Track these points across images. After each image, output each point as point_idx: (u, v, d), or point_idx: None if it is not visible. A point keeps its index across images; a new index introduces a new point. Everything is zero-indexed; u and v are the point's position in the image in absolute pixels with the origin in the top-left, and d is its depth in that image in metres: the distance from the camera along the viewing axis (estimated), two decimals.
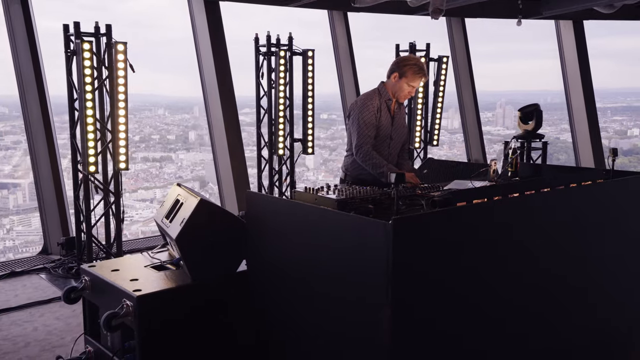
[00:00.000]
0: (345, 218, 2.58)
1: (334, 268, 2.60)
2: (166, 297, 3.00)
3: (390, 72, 3.88)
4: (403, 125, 4.08)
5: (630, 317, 3.48)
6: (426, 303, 2.47)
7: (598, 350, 3.30)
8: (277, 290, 2.96)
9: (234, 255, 3.21)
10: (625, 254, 3.38)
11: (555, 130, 11.75)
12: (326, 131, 10.80)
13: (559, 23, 9.60)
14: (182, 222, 3.09)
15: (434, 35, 8.63)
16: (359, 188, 3.17)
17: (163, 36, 12.17)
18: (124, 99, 5.04)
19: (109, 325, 2.88)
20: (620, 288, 3.38)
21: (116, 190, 5.21)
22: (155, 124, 10.21)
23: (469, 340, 2.66)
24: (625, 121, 13.16)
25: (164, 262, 3.39)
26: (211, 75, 7.15)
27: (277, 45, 6.37)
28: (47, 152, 5.97)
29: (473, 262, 2.63)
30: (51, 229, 5.98)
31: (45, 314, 4.28)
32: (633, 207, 3.36)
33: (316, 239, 2.69)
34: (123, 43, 4.99)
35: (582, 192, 3.10)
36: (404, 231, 2.32)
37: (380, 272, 2.33)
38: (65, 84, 5.17)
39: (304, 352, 2.83)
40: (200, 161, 9.72)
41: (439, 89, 7.49)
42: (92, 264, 3.43)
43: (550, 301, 3.00)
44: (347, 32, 8.20)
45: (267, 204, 3.07)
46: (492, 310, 2.74)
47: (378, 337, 2.38)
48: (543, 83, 14.43)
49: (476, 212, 2.65)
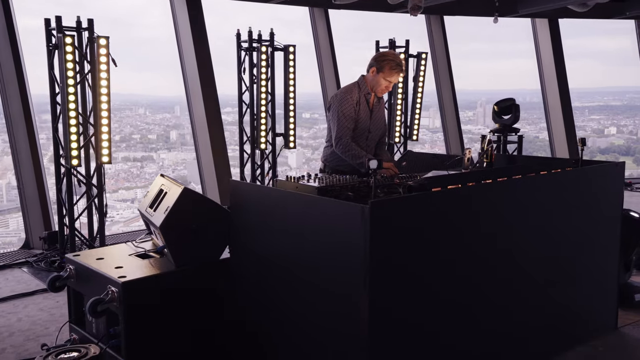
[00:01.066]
0: (325, 203, 2.67)
1: (314, 252, 2.69)
2: (150, 283, 3.06)
3: (369, 66, 3.98)
4: (381, 119, 4.18)
5: (595, 300, 3.64)
6: (403, 285, 2.58)
7: (564, 333, 3.44)
8: (259, 277, 3.04)
9: (218, 242, 3.29)
10: (594, 237, 3.53)
11: (534, 129, 11.93)
12: (309, 130, 10.85)
13: (535, 21, 9.81)
14: (166, 211, 3.16)
15: (414, 34, 8.76)
16: (339, 176, 3.27)
17: (143, 35, 12.13)
18: (107, 92, 5.07)
19: (95, 310, 2.94)
20: (589, 272, 3.53)
21: (99, 184, 5.24)
22: (136, 123, 10.14)
23: (438, 317, 2.77)
24: (602, 120, 13.40)
25: (148, 251, 3.45)
26: (193, 73, 7.20)
27: (259, 40, 6.44)
28: (28, 147, 5.97)
29: (447, 245, 2.74)
30: (33, 223, 5.98)
31: (29, 306, 4.30)
32: (599, 193, 3.51)
33: (297, 225, 2.78)
34: (105, 37, 5.02)
35: (551, 179, 3.23)
36: (381, 214, 2.42)
37: (359, 254, 2.43)
38: (45, 79, 5.18)
39: (286, 336, 2.92)
40: (182, 160, 9.70)
41: (418, 84, 7.63)
42: (76, 253, 3.48)
43: (521, 281, 3.13)
44: (328, 30, 8.30)
45: (250, 192, 3.16)
46: (465, 291, 2.85)
47: (356, 316, 2.48)
48: (523, 82, 14.67)
49: (450, 197, 2.76)
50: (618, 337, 3.61)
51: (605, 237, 3.60)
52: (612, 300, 3.70)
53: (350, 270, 2.50)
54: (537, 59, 9.97)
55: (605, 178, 3.53)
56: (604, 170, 3.55)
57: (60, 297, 4.31)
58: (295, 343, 2.87)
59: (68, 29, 4.99)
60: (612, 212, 3.61)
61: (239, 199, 3.13)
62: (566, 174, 3.33)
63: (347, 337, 2.55)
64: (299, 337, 2.84)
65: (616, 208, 3.64)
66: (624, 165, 3.65)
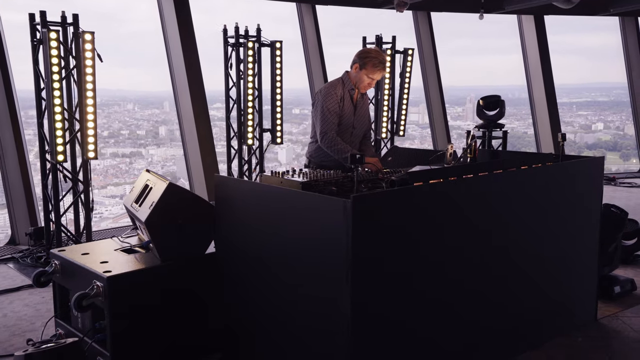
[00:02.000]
0: (308, 197, 2.71)
1: (297, 246, 2.72)
2: (136, 277, 3.08)
3: (352, 62, 4.01)
4: (366, 115, 4.21)
5: (575, 292, 3.71)
6: (385, 279, 2.61)
7: (544, 325, 3.50)
8: (244, 272, 3.07)
9: (203, 237, 3.31)
10: (574, 231, 3.59)
11: (523, 125, 12.00)
12: (298, 126, 10.83)
13: (520, 18, 9.90)
14: (151, 206, 3.18)
15: (402, 30, 8.82)
16: (323, 172, 3.30)
17: (130, 30, 12.07)
18: (92, 88, 5.06)
19: (80, 305, 2.95)
20: (569, 265, 3.59)
21: (85, 180, 5.23)
22: (125, 119, 10.08)
23: (420, 311, 2.82)
24: (590, 116, 13.50)
25: (134, 246, 3.47)
26: (180, 68, 7.18)
27: (246, 36, 6.45)
28: (14, 142, 5.94)
29: (428, 239, 2.78)
30: (19, 219, 5.96)
31: (14, 302, 4.30)
32: (579, 187, 3.58)
33: (281, 219, 2.81)
34: (90, 32, 5.00)
35: (532, 174, 3.29)
36: (363, 208, 2.46)
37: (341, 249, 2.46)
38: (30, 75, 5.17)
39: (269, 331, 2.95)
40: (171, 156, 9.66)
41: (405, 80, 7.67)
42: (62, 249, 3.49)
43: (502, 275, 3.18)
44: (315, 26, 8.32)
45: (235, 187, 3.18)
46: (446, 285, 2.90)
47: (338, 312, 2.52)
48: (510, 78, 14.77)
49: (432, 191, 2.80)
50: (597, 329, 3.68)
51: (585, 230, 3.67)
52: (592, 293, 3.78)
53: (332, 265, 2.53)
54: (523, 55, 10.06)
55: (585, 172, 3.60)
56: (584, 164, 3.61)
57: (46, 292, 4.32)
58: (278, 338, 2.90)
59: (53, 24, 4.97)
60: (591, 205, 3.68)
61: (224, 194, 3.15)
62: (546, 168, 3.39)
63: (329, 334, 2.58)
64: (281, 333, 2.87)
65: (596, 202, 3.71)
66: (603, 159, 3.72)
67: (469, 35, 15.95)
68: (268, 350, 2.96)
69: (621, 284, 4.19)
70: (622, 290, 4.17)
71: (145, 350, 3.10)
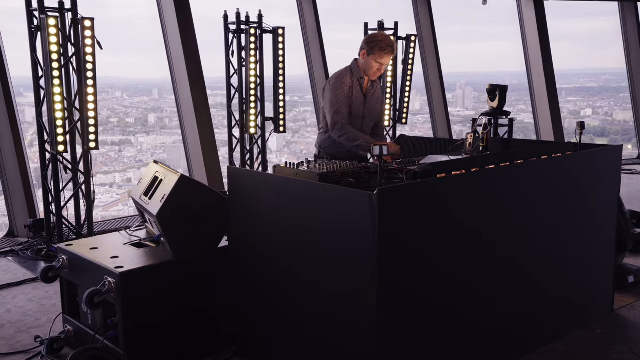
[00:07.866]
0: (331, 190, 2.62)
1: (318, 240, 2.64)
2: (148, 273, 3.00)
3: (360, 49, 3.91)
4: (377, 103, 4.11)
5: (593, 283, 3.66)
6: (411, 271, 2.55)
7: (563, 316, 3.46)
8: (258, 265, 2.99)
9: (216, 231, 3.22)
10: (592, 221, 3.54)
11: (513, 111, 12.01)
12: (289, 113, 10.76)
13: (520, 3, 9.79)
14: (162, 199, 3.08)
15: (401, 16, 8.65)
16: (339, 163, 3.21)
17: (119, 16, 11.79)
18: (92, 76, 4.91)
19: (92, 302, 2.87)
20: (587, 256, 3.54)
21: (86, 170, 5.11)
22: (113, 106, 9.93)
23: (446, 303, 2.76)
24: (579, 102, 13.49)
25: (143, 240, 3.38)
26: (179, 55, 7.02)
27: (247, 23, 6.30)
28: (10, 132, 5.77)
29: (452, 230, 2.72)
30: (17, 211, 5.82)
31: (17, 296, 4.19)
32: (598, 177, 3.52)
33: (300, 212, 2.73)
34: (90, 19, 4.84)
35: (554, 164, 3.22)
36: (388, 201, 2.38)
37: (367, 242, 2.39)
38: (26, 62, 5.01)
39: (286, 326, 2.88)
40: (161, 144, 9.55)
41: (408, 67, 7.56)
42: (69, 243, 3.39)
43: (523, 265, 3.13)
44: (314, 11, 8.16)
45: (249, 178, 3.09)
46: (470, 276, 2.84)
47: (364, 302, 2.45)
48: (503, 65, 14.68)
49: (456, 183, 2.73)
50: (615, 319, 3.64)
51: (603, 221, 3.61)
52: (608, 284, 3.73)
53: (356, 258, 2.45)
54: (523, 42, 9.97)
55: (604, 161, 3.54)
56: (603, 154, 3.55)
57: (49, 287, 4.21)
58: (294, 333, 2.83)
59: (51, 10, 4.81)
60: (609, 195, 3.62)
61: (237, 186, 3.06)
62: (567, 158, 3.32)
63: (353, 328, 2.51)
64: (299, 328, 2.81)
65: (614, 192, 3.65)
66: (621, 148, 3.65)
67: (465, 21, 15.79)
68: (285, 343, 2.89)
69: (635, 274, 4.15)
70: (635, 280, 4.14)
71: (159, 347, 3.02)
